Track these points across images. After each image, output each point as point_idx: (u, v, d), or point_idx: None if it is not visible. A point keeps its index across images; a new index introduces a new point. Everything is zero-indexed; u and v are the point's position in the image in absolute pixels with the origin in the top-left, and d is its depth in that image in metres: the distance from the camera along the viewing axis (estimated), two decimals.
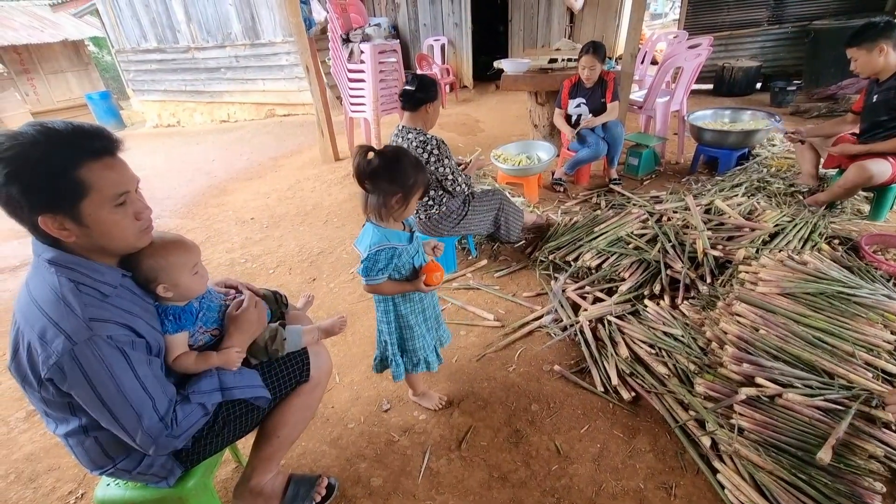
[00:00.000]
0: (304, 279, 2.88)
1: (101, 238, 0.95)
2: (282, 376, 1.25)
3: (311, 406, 1.35)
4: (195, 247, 1.15)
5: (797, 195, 2.97)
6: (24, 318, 0.92)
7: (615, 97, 3.41)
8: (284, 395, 1.27)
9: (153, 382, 0.97)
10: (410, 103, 2.28)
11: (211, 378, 1.10)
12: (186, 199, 4.67)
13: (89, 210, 0.91)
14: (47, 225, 0.89)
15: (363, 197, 1.44)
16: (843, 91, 5.23)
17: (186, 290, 1.12)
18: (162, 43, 8.48)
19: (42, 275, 0.93)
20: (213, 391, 1.09)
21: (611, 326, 2.06)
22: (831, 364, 1.55)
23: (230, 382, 1.12)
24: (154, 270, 1.07)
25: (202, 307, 1.16)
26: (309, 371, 1.29)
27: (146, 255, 1.07)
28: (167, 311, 1.10)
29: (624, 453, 1.58)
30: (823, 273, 1.88)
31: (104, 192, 0.92)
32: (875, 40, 2.36)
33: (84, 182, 0.89)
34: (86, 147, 0.91)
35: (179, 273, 1.09)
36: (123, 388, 0.92)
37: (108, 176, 0.93)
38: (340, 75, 4.73)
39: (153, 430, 0.96)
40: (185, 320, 1.11)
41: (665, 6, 14.08)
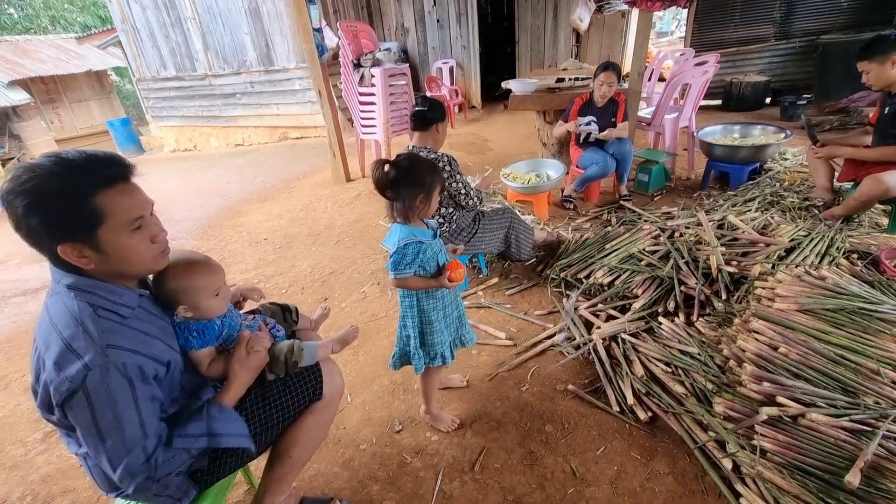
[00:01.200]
0: (315, 299, 2.90)
1: (119, 263, 0.97)
2: (295, 394, 1.25)
3: (324, 425, 1.35)
4: (219, 269, 1.17)
5: (812, 209, 2.93)
6: (45, 345, 0.93)
7: (626, 118, 3.43)
8: (297, 413, 1.27)
9: (150, 419, 0.96)
10: (422, 123, 2.37)
11: (199, 422, 1.05)
12: (202, 220, 4.77)
13: (106, 236, 0.93)
14: (67, 253, 0.91)
15: (388, 205, 1.53)
16: (854, 104, 5.20)
17: (206, 312, 1.13)
18: (180, 71, 8.77)
19: (62, 300, 0.95)
20: (199, 436, 1.05)
21: (625, 344, 2.03)
22: (855, 382, 1.51)
23: (219, 429, 1.07)
24: (176, 292, 1.09)
25: (224, 326, 1.18)
26: (322, 389, 1.29)
27: (169, 277, 1.09)
28: (190, 328, 1.11)
29: (642, 476, 1.54)
30: (843, 288, 1.84)
31: (119, 217, 0.94)
32: (887, 53, 2.36)
33: (99, 209, 0.91)
34: (99, 175, 0.93)
35: (200, 296, 1.11)
36: (121, 420, 0.91)
37: (123, 202, 0.95)
38: (352, 99, 4.84)
39: (135, 469, 0.93)
40: (209, 336, 1.13)
41: (670, 24, 14.23)
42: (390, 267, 1.51)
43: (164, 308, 1.12)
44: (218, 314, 1.17)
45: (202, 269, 1.13)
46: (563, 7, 7.35)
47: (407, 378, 2.11)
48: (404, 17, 8.28)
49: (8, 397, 2.38)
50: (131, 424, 0.92)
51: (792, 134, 3.50)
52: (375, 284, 2.95)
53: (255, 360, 1.18)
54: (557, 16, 7.47)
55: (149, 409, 0.96)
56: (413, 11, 8.13)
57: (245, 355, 1.17)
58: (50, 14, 18.82)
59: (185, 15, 8.03)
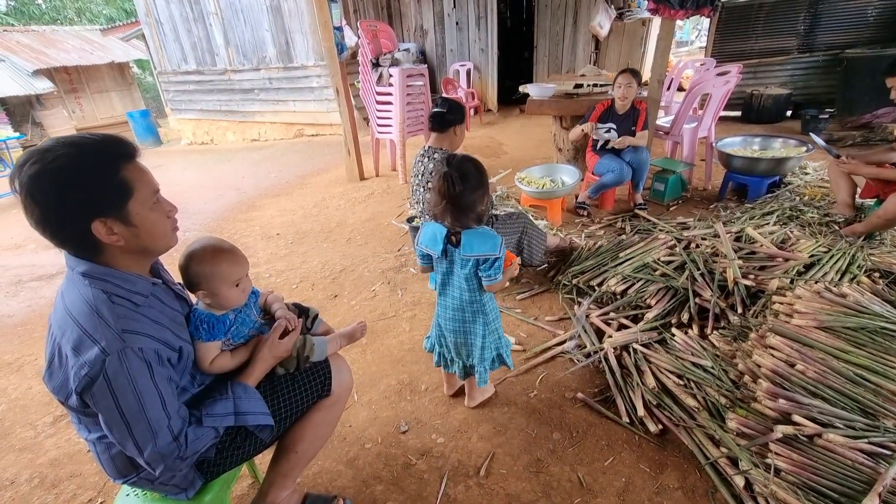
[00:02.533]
0: (325, 295, 2.91)
1: (147, 238, 0.99)
2: (304, 389, 1.25)
3: (331, 422, 1.35)
4: (244, 260, 1.18)
5: (833, 225, 2.87)
6: (60, 330, 0.93)
7: (646, 126, 3.40)
8: (305, 408, 1.27)
9: (172, 401, 0.98)
10: (440, 125, 2.36)
11: (226, 402, 1.09)
12: (216, 213, 4.81)
13: (136, 210, 0.95)
14: (99, 231, 0.92)
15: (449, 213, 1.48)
16: (878, 120, 5.09)
17: (224, 301, 1.14)
18: (201, 65, 8.89)
19: (76, 287, 0.95)
20: (226, 415, 1.08)
21: (636, 354, 2.00)
22: (875, 404, 1.47)
23: (244, 408, 1.11)
24: (199, 276, 1.11)
25: (237, 321, 1.18)
26: (331, 385, 1.29)
27: (196, 261, 1.11)
28: (201, 319, 1.12)
29: (650, 489, 1.51)
30: (864, 307, 1.80)
31: (144, 190, 0.96)
32: None
33: (128, 182, 0.94)
34: (118, 152, 0.95)
35: (220, 284, 1.12)
36: (144, 403, 0.92)
37: (144, 176, 0.98)
38: (369, 98, 4.86)
39: (165, 450, 0.95)
40: (217, 330, 1.13)
41: (691, 34, 14.11)
42: (496, 272, 1.48)
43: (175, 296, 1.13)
44: (235, 305, 1.17)
45: (227, 257, 1.14)
46: (584, 13, 7.32)
47: (414, 379, 2.10)
48: (424, 18, 8.30)
49: (20, 380, 2.41)
50: (154, 407, 0.93)
51: (813, 148, 3.44)
52: (385, 283, 2.95)
53: (283, 349, 1.22)
54: (577, 22, 7.44)
55: (168, 390, 0.98)
56: (433, 13, 8.15)
57: (277, 341, 1.21)
58: (76, 5, 19.21)
59: (207, 10, 8.14)
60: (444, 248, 1.53)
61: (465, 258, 1.49)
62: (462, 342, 1.67)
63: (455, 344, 1.69)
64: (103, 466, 1.07)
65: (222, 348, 1.16)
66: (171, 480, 1.08)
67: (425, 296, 2.76)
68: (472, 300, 1.58)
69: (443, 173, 1.44)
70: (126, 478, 1.07)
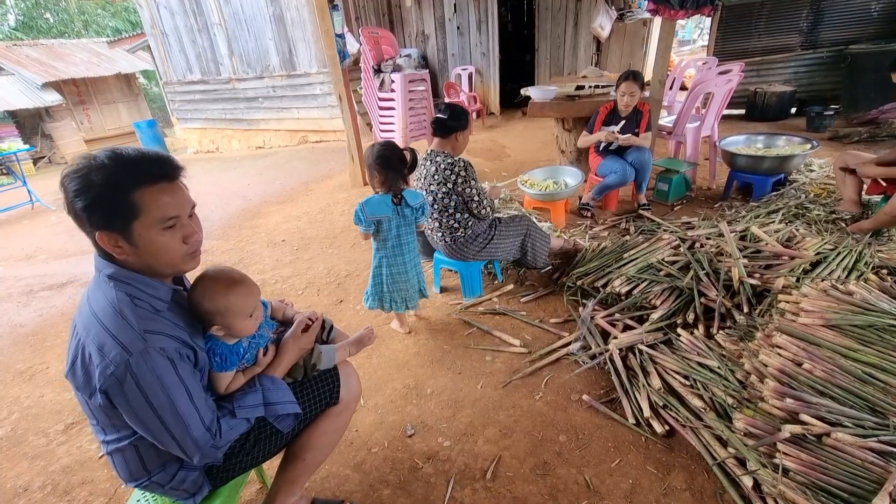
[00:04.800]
0: (331, 301, 2.92)
1: (149, 258, 1.00)
2: (312, 397, 1.26)
3: (339, 430, 1.35)
4: (257, 290, 1.17)
5: (839, 222, 2.85)
6: (85, 330, 0.97)
7: (649, 128, 3.40)
8: (313, 416, 1.28)
9: (199, 394, 1.01)
10: (442, 131, 2.37)
11: (256, 393, 1.14)
12: (222, 221, 4.85)
13: (139, 230, 0.96)
14: (104, 241, 0.96)
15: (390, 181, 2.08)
16: (884, 115, 5.06)
17: (239, 332, 1.13)
18: (206, 75, 8.99)
19: (102, 289, 0.99)
20: (257, 406, 1.13)
21: (642, 355, 2.00)
22: (884, 402, 1.46)
23: (273, 398, 1.16)
24: (211, 314, 1.09)
25: (250, 347, 1.18)
26: (339, 393, 1.30)
27: (207, 298, 1.08)
28: (214, 350, 1.11)
29: (658, 491, 1.50)
30: (872, 304, 1.78)
31: (154, 214, 0.97)
32: None
33: (137, 204, 0.95)
34: (146, 171, 0.97)
35: (234, 318, 1.10)
36: (174, 398, 0.95)
37: (161, 199, 0.98)
38: (371, 103, 4.89)
39: (200, 440, 0.99)
40: (230, 363, 1.13)
41: (693, 33, 14.08)
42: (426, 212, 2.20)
43: None
44: (248, 334, 1.16)
45: (240, 290, 1.12)
46: (584, 15, 7.33)
47: (420, 382, 2.11)
48: (425, 23, 8.35)
49: (32, 388, 2.45)
50: (183, 400, 0.97)
51: (818, 145, 3.42)
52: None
53: (307, 340, 1.26)
54: (578, 24, 7.45)
55: (194, 384, 1.01)
56: (434, 18, 8.20)
57: (300, 334, 1.25)
58: (83, 18, 19.50)
59: (212, 21, 8.24)
60: (394, 209, 2.09)
61: (413, 207, 2.12)
62: (410, 280, 2.23)
63: (409, 283, 2.24)
64: (117, 469, 1.09)
65: (237, 370, 1.17)
66: (180, 486, 1.09)
67: (430, 300, 2.77)
68: (412, 241, 2.22)
69: (381, 157, 2.04)
70: (138, 481, 1.09)
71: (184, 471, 1.10)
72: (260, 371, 1.19)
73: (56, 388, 2.40)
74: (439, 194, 2.40)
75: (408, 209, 2.11)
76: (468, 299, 2.70)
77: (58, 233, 5.25)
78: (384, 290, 2.24)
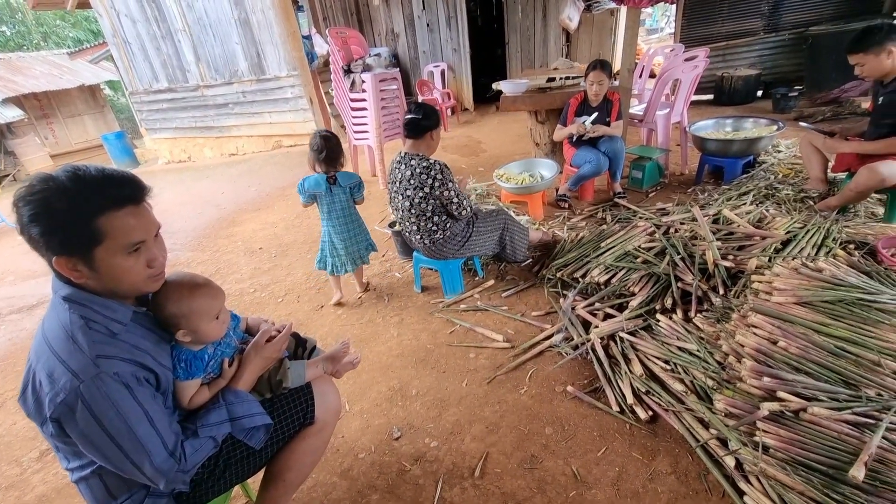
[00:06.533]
0: (312, 307, 2.88)
1: (110, 282, 0.97)
2: (284, 418, 1.22)
3: (318, 449, 1.32)
4: (220, 292, 1.15)
5: (807, 201, 2.91)
6: (37, 356, 0.93)
7: (619, 116, 3.43)
8: (288, 438, 1.24)
9: (160, 418, 0.97)
10: (416, 131, 2.34)
11: (219, 410, 1.09)
12: (197, 231, 4.74)
13: (102, 256, 0.93)
14: (61, 265, 0.92)
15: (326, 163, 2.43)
16: (846, 94, 5.20)
17: (205, 337, 1.11)
18: (172, 83, 8.76)
19: (57, 311, 0.95)
20: (222, 423, 1.08)
21: (623, 343, 2.02)
22: (857, 374, 1.49)
23: (238, 412, 1.11)
24: (176, 317, 1.07)
25: (215, 354, 1.15)
26: (314, 413, 1.26)
27: (171, 301, 1.07)
28: (179, 356, 1.09)
29: (644, 476, 1.52)
30: (841, 280, 1.83)
31: (119, 240, 0.93)
32: (882, 44, 2.34)
33: (101, 231, 0.91)
34: (110, 195, 0.93)
35: (200, 320, 1.09)
36: (132, 424, 0.91)
37: (127, 224, 0.94)
38: (343, 105, 4.83)
39: (164, 466, 0.95)
40: (195, 368, 1.10)
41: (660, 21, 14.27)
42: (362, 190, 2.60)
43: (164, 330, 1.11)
44: (216, 338, 1.14)
45: (204, 292, 1.11)
46: (552, 7, 7.36)
47: (404, 384, 2.09)
48: (394, 22, 8.28)
49: (4, 416, 2.35)
50: (142, 425, 0.93)
51: (784, 126, 3.49)
52: (371, 290, 2.93)
53: (271, 350, 1.21)
54: (546, 16, 7.48)
55: (155, 408, 0.96)
56: (403, 16, 8.13)
57: (263, 344, 1.20)
58: (42, 30, 18.84)
59: (175, 27, 8.02)
60: (327, 187, 2.46)
61: (344, 187, 2.50)
62: (351, 245, 2.62)
63: (346, 249, 2.61)
64: (84, 497, 1.05)
65: (203, 382, 1.13)
66: None
67: (412, 300, 2.75)
68: (351, 214, 2.59)
69: (318, 141, 2.40)
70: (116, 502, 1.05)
71: (151, 498, 1.05)
72: (225, 384, 1.15)
73: None
74: (416, 199, 2.37)
75: (339, 188, 2.48)
76: (449, 297, 2.69)
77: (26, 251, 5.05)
78: (328, 254, 2.66)
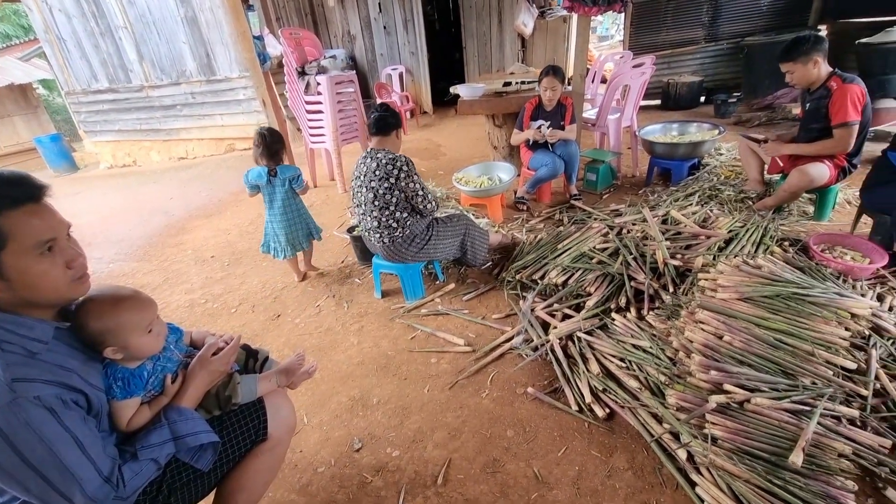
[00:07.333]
0: (267, 316, 2.78)
1: (26, 291, 0.89)
2: (234, 437, 1.15)
3: (273, 467, 1.26)
4: (150, 303, 1.07)
5: (747, 201, 3.09)
6: None
7: (573, 120, 3.52)
8: (240, 456, 1.18)
9: (92, 442, 0.89)
10: (383, 128, 2.39)
11: (161, 429, 1.02)
12: (142, 240, 4.48)
13: (10, 262, 0.85)
14: None
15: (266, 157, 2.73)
16: (778, 101, 5.58)
17: (137, 352, 1.03)
18: (114, 83, 8.27)
19: None
20: (164, 443, 1.01)
21: (581, 343, 2.06)
22: (794, 364, 1.59)
23: (182, 430, 1.03)
24: (102, 334, 0.98)
25: (155, 370, 1.07)
26: (266, 429, 1.20)
27: (93, 317, 0.98)
28: (115, 375, 1.00)
29: (602, 473, 1.55)
30: (777, 275, 1.94)
31: (25, 240, 0.86)
32: (809, 54, 2.51)
33: (2, 232, 0.84)
34: (5, 195, 0.86)
35: (129, 334, 1.00)
36: (59, 452, 0.84)
37: (30, 223, 0.87)
38: (298, 108, 4.71)
39: (98, 494, 0.88)
40: (133, 386, 1.02)
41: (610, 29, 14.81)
42: (301, 182, 2.80)
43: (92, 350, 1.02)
44: (151, 353, 1.06)
45: (130, 304, 1.02)
46: (507, 13, 7.48)
47: (365, 393, 2.05)
48: (350, 24, 8.18)
49: None
50: (70, 452, 0.85)
51: (725, 130, 3.70)
52: (330, 297, 2.87)
53: (218, 363, 1.14)
54: (502, 21, 7.60)
55: (85, 431, 0.89)
56: (359, 18, 8.04)
57: (209, 357, 1.13)
58: None
59: (115, 24, 7.58)
60: (267, 179, 2.71)
61: (283, 179, 2.72)
62: (291, 233, 2.82)
63: (286, 236, 2.81)
64: None
65: (142, 401, 1.05)
66: None
67: (372, 306, 2.71)
68: (291, 204, 2.80)
69: (257, 137, 2.71)
70: None
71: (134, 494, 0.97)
72: (168, 402, 1.08)
73: None
74: (380, 190, 2.35)
75: (279, 180, 2.72)
76: (410, 302, 2.66)
77: None
78: (270, 240, 2.89)
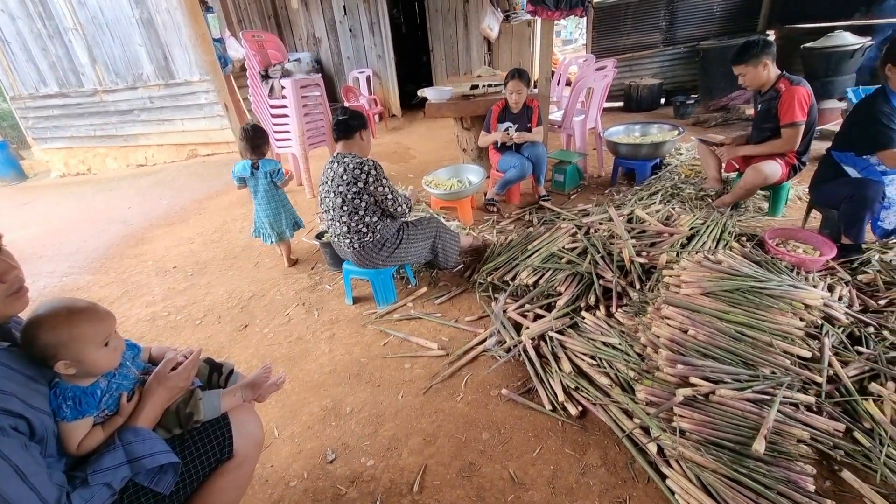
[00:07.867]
0: (234, 327, 2.69)
1: None
2: (198, 456, 1.10)
3: (240, 485, 1.21)
4: (108, 315, 1.02)
5: (706, 198, 3.21)
6: None
7: (540, 122, 3.57)
8: (205, 475, 1.13)
9: (35, 471, 0.83)
10: (346, 132, 2.36)
11: (115, 452, 0.96)
12: (98, 251, 4.27)
13: None
14: None
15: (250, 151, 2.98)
16: (733, 102, 5.82)
17: (92, 367, 0.97)
18: (64, 87, 7.87)
19: None
20: (119, 466, 0.95)
21: (553, 342, 2.08)
22: (754, 356, 1.65)
23: (138, 451, 0.97)
24: (54, 346, 0.92)
25: (110, 388, 1.01)
26: (232, 446, 1.15)
27: (45, 330, 0.92)
28: (64, 394, 0.94)
29: (576, 471, 1.57)
30: (737, 270, 2.01)
31: None
32: (759, 57, 2.63)
33: None
34: None
35: (84, 347, 0.94)
36: None
37: None
38: (262, 112, 4.60)
39: None
40: (86, 405, 0.96)
41: (574, 33, 15.14)
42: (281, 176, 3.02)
43: (35, 363, 0.96)
44: (107, 369, 1.00)
45: (86, 315, 0.97)
46: (473, 16, 7.54)
47: (337, 402, 2.01)
48: (315, 26, 8.06)
49: None
50: (9, 482, 0.79)
51: (684, 130, 3.83)
52: (300, 305, 2.80)
53: (177, 379, 1.09)
54: (468, 25, 7.65)
55: (27, 459, 0.82)
56: (324, 21, 7.94)
57: (167, 372, 1.08)
58: None
59: (64, 26, 7.23)
60: (251, 172, 2.97)
61: (265, 172, 2.96)
62: (274, 221, 3.07)
63: (271, 224, 3.06)
64: None
65: (95, 422, 0.99)
66: None
67: (343, 313, 2.66)
68: (273, 195, 3.03)
69: (241, 132, 2.95)
70: None
71: None
72: (123, 422, 1.02)
73: None
74: (349, 195, 2.31)
75: (261, 172, 2.97)
76: (382, 307, 2.63)
77: None
78: (259, 226, 3.12)
